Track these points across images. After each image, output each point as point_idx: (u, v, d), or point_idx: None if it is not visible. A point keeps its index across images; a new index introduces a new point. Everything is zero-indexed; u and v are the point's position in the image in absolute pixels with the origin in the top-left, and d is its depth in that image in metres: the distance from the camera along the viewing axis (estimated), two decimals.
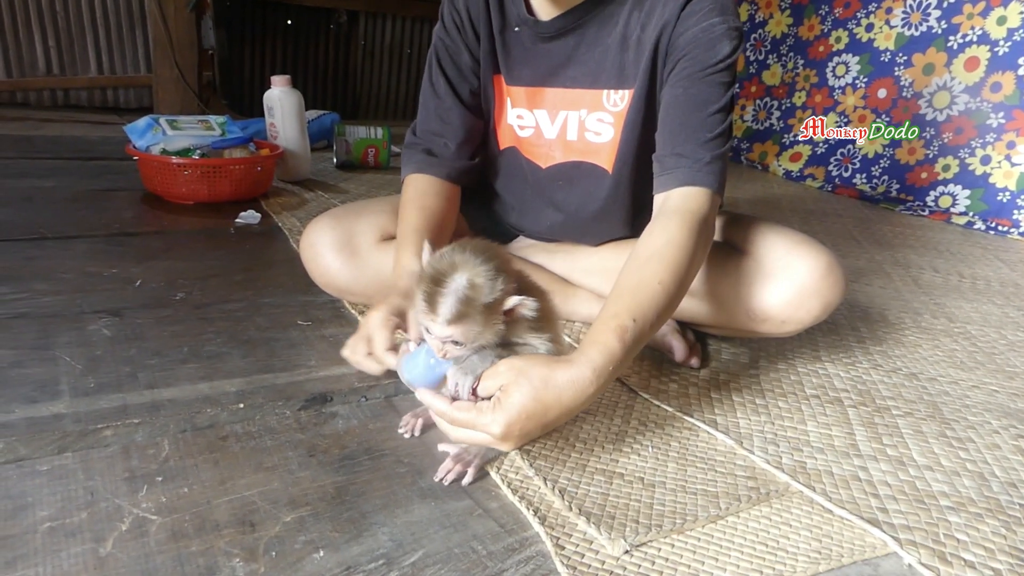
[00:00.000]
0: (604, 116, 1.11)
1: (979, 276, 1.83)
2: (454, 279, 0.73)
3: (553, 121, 1.15)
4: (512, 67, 1.15)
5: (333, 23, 3.61)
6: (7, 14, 2.90)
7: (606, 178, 1.14)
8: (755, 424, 0.98)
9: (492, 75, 1.17)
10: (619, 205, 1.17)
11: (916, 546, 0.75)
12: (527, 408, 0.76)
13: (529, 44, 1.12)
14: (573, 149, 1.16)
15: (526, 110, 1.16)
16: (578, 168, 1.17)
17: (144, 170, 1.83)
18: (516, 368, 0.78)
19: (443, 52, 1.17)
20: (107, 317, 1.12)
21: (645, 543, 0.72)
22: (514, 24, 1.12)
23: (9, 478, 0.73)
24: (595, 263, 1.23)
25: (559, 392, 0.77)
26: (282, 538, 0.68)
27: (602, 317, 0.84)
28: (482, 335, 0.76)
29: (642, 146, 1.09)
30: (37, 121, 2.81)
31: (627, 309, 0.83)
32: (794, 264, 1.04)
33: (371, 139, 2.50)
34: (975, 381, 1.18)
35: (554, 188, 1.20)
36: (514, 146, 1.21)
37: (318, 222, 1.19)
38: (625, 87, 1.08)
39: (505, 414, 0.76)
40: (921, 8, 2.56)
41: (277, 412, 0.91)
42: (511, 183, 1.26)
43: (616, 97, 1.09)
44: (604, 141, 1.12)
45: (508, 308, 0.75)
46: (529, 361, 0.78)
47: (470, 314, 0.74)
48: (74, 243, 1.46)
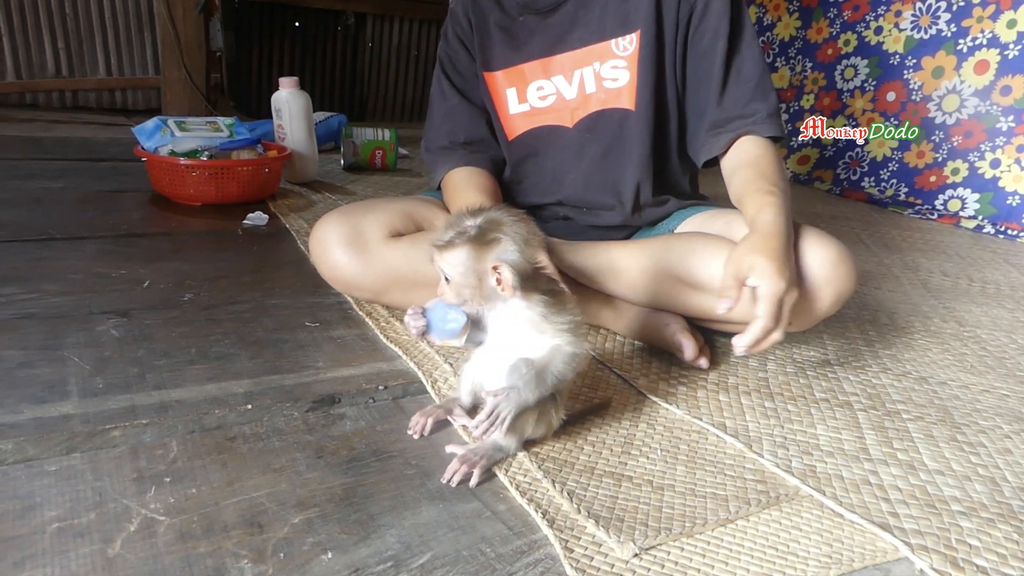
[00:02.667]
0: (617, 63, 1.21)
1: (989, 280, 1.82)
2: (467, 220, 0.77)
3: (571, 82, 1.25)
4: (521, 48, 1.25)
5: (341, 25, 3.62)
6: (16, 16, 2.92)
7: (630, 116, 1.23)
8: (764, 427, 0.98)
9: (483, 72, 1.28)
10: (645, 141, 1.23)
11: (928, 551, 0.75)
12: (768, 256, 0.94)
13: (533, 25, 1.24)
14: (595, 100, 1.24)
15: (544, 80, 1.25)
16: (603, 116, 1.24)
17: (152, 171, 1.84)
18: (738, 258, 0.96)
19: (448, 63, 1.31)
20: (115, 318, 1.12)
21: (654, 546, 0.72)
22: (516, 15, 1.25)
23: (18, 478, 0.73)
24: (603, 263, 1.22)
25: (771, 234, 0.98)
26: (290, 539, 0.68)
27: (748, 203, 1.06)
28: (465, 279, 0.78)
29: (658, 79, 1.20)
30: (46, 122, 2.82)
31: (763, 182, 1.08)
32: (806, 254, 1.05)
33: (378, 141, 2.50)
34: (985, 385, 1.18)
35: (584, 141, 1.27)
36: (530, 128, 1.28)
37: (327, 218, 1.21)
38: (631, 31, 1.19)
39: (767, 277, 0.92)
40: (930, 11, 2.55)
41: (285, 413, 0.90)
42: (531, 162, 1.31)
43: (624, 42, 1.20)
44: (622, 84, 1.22)
45: (493, 265, 0.77)
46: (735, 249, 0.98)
47: (459, 248, 0.76)
48: (83, 244, 1.46)
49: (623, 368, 1.12)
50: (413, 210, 1.24)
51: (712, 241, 1.13)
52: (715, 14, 1.16)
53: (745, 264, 0.95)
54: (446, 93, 1.31)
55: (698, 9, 1.16)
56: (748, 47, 1.18)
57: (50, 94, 3.10)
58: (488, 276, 0.78)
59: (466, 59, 1.30)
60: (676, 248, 1.15)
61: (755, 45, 1.19)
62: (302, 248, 1.55)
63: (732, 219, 1.18)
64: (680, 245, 1.15)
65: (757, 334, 0.93)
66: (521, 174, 1.32)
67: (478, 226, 0.77)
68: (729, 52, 1.17)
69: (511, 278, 0.77)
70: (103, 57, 3.14)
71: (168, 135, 1.85)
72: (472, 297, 0.80)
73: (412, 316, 0.86)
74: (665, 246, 1.17)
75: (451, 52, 1.31)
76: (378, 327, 1.18)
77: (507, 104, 1.28)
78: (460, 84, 1.30)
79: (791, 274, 0.96)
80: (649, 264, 1.16)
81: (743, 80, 1.18)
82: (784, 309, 0.94)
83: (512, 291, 0.78)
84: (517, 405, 0.80)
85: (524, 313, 0.80)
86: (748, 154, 1.16)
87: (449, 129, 1.29)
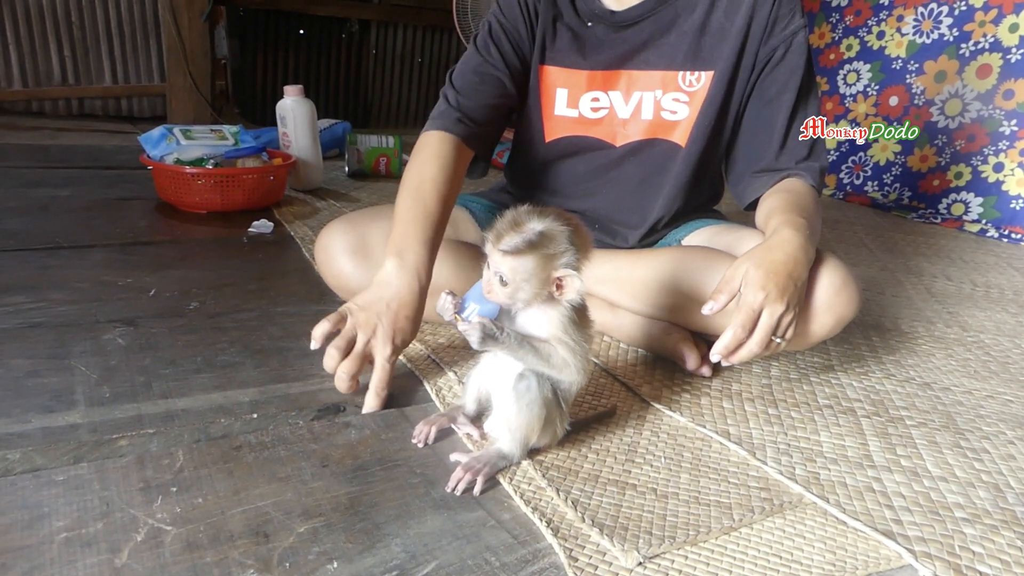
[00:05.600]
0: (680, 96, 1.19)
1: (992, 284, 1.82)
2: (531, 224, 0.77)
3: (627, 101, 1.22)
4: (587, 55, 1.21)
5: (345, 32, 3.63)
6: (23, 24, 2.94)
7: (678, 152, 1.22)
8: (768, 434, 0.98)
9: (539, 65, 1.23)
10: (685, 177, 1.24)
11: (931, 558, 0.75)
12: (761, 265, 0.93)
13: (603, 35, 1.20)
14: (648, 127, 1.23)
15: (601, 92, 1.23)
16: (651, 144, 1.24)
17: (158, 179, 1.85)
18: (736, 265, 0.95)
19: (498, 28, 1.22)
20: (122, 326, 1.13)
21: (658, 555, 0.72)
22: (586, 20, 1.21)
23: (26, 488, 0.74)
24: (609, 272, 1.23)
25: (778, 246, 0.95)
26: (296, 549, 0.68)
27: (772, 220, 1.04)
28: (527, 285, 0.78)
29: (718, 123, 1.20)
30: (52, 130, 2.84)
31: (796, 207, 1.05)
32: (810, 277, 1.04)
33: (383, 148, 2.51)
34: (989, 391, 1.18)
35: (625, 164, 1.27)
36: (573, 135, 1.26)
37: (332, 226, 1.21)
38: (702, 69, 1.17)
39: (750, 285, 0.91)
40: (932, 16, 2.55)
41: (290, 422, 0.91)
42: (563, 167, 1.30)
43: (692, 77, 1.18)
44: (680, 119, 1.21)
45: (558, 276, 0.78)
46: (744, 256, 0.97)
47: (528, 256, 0.76)
48: (89, 252, 1.47)
49: (627, 376, 1.13)
50: None
51: (718, 257, 1.13)
52: (788, 67, 1.16)
53: (740, 271, 0.95)
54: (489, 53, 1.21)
55: (775, 58, 1.15)
56: (812, 107, 1.19)
57: (56, 102, 3.12)
58: (550, 283, 0.78)
59: (514, 34, 1.22)
60: (682, 262, 1.15)
61: (818, 105, 1.20)
62: (307, 256, 1.55)
63: (741, 235, 1.18)
64: (686, 259, 1.16)
65: (727, 342, 0.92)
66: (549, 176, 1.32)
67: (542, 232, 0.77)
68: (795, 107, 1.17)
69: (579, 285, 0.78)
70: (109, 65, 3.16)
71: (174, 143, 1.86)
72: (526, 301, 0.80)
73: (445, 299, 0.84)
74: (671, 259, 1.17)
75: (504, 23, 1.22)
76: None
77: (554, 103, 1.25)
78: (505, 48, 1.21)
79: (791, 295, 0.93)
80: (654, 276, 1.16)
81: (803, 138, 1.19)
82: (766, 324, 0.92)
83: (576, 297, 0.79)
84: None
85: (557, 316, 0.81)
86: (789, 185, 1.15)
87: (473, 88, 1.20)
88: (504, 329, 0.79)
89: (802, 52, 1.15)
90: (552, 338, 0.80)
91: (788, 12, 1.14)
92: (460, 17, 3.13)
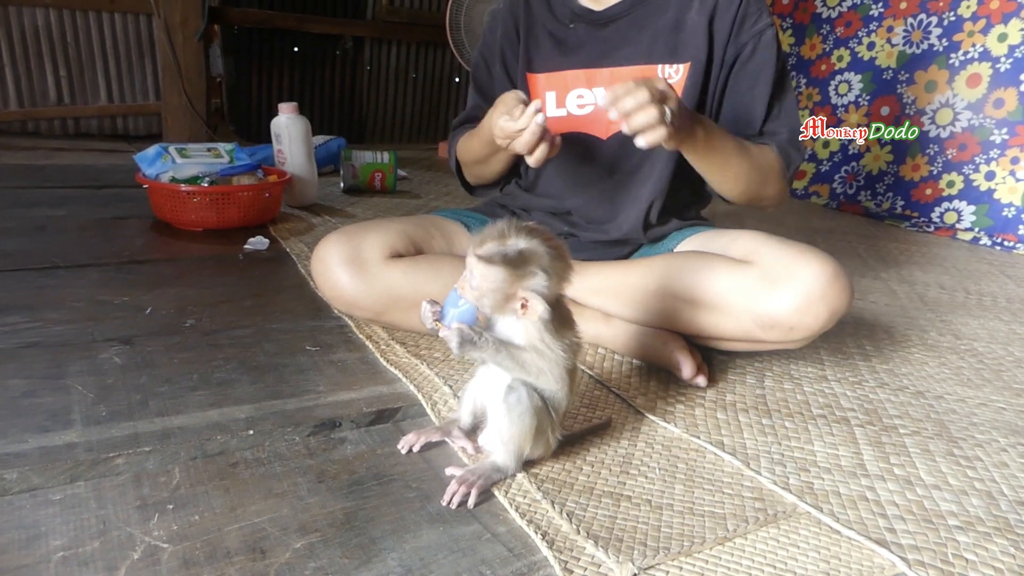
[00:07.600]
0: None
1: (985, 292, 1.83)
2: (515, 239, 0.78)
3: None
4: (568, 55, 1.28)
5: (339, 49, 3.65)
6: (18, 45, 2.95)
7: None
8: (762, 444, 0.99)
9: (525, 73, 1.30)
10: (670, 164, 1.27)
11: (925, 566, 0.75)
12: None
13: (584, 34, 1.28)
14: None
15: (585, 89, 1.28)
16: None
17: (154, 198, 1.86)
18: None
19: (482, 64, 1.38)
20: (118, 345, 1.14)
21: (653, 566, 0.72)
22: (567, 21, 1.29)
23: (23, 507, 0.74)
24: (600, 282, 1.24)
25: None
26: (292, 565, 0.69)
27: None
28: (493, 295, 0.78)
29: (697, 110, 1.23)
30: (48, 150, 2.84)
31: None
32: (801, 271, 1.06)
33: (378, 163, 2.52)
34: (982, 399, 1.18)
35: (618, 155, 1.30)
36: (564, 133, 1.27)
37: (329, 238, 1.23)
38: (679, 62, 1.23)
39: None
40: (922, 26, 2.57)
41: (286, 438, 0.91)
42: (558, 165, 1.32)
43: (671, 71, 1.24)
44: None
45: (522, 298, 0.78)
46: None
47: (499, 268, 0.77)
48: (85, 271, 1.47)
49: (621, 387, 1.13)
50: (414, 231, 1.26)
51: (712, 259, 1.14)
52: (759, 62, 1.22)
53: None
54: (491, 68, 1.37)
55: (744, 54, 1.21)
56: (788, 99, 1.25)
57: (52, 121, 3.13)
58: (514, 300, 0.79)
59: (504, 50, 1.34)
60: (676, 267, 1.17)
61: (793, 99, 1.26)
62: (303, 272, 1.56)
63: (733, 239, 1.19)
64: (681, 264, 1.17)
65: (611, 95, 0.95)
66: (545, 176, 1.35)
67: (519, 251, 0.77)
68: (770, 99, 1.23)
69: (541, 310, 0.78)
70: (104, 84, 3.17)
71: (169, 162, 1.87)
72: (489, 308, 0.80)
73: (425, 307, 0.87)
74: (664, 264, 1.19)
75: (488, 53, 1.37)
76: (378, 350, 1.19)
77: (544, 107, 1.29)
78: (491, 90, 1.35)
79: (667, 89, 0.98)
80: (649, 282, 1.17)
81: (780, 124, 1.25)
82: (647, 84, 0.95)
83: (538, 320, 0.79)
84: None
85: (533, 326, 0.81)
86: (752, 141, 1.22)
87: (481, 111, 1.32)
88: (483, 335, 0.80)
89: (771, 48, 1.22)
90: (529, 346, 0.81)
91: (756, 11, 1.21)
92: (453, 32, 3.16)
